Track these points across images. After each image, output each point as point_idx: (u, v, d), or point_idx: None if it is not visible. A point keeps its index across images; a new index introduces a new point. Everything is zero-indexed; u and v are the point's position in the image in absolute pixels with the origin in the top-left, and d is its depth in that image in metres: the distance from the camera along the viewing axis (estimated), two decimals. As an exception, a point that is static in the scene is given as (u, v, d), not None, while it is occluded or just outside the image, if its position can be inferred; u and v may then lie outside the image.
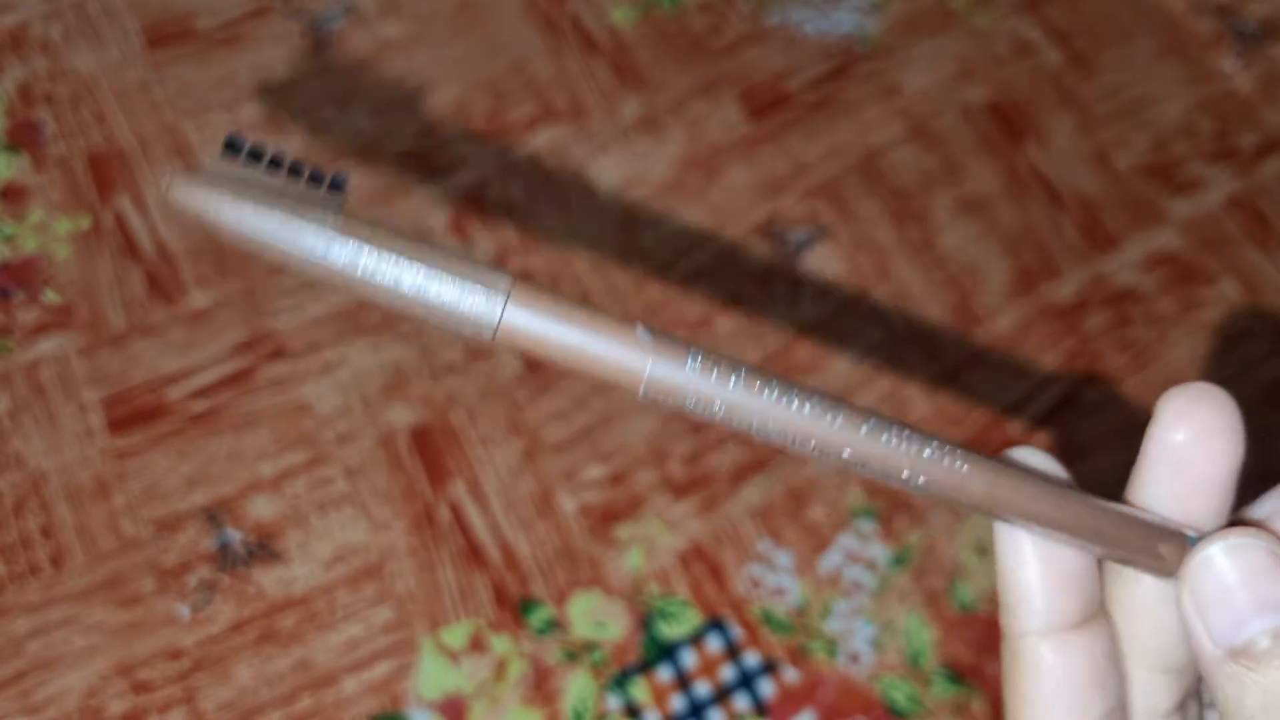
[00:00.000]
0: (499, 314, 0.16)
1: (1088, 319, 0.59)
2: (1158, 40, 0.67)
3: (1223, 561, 0.17)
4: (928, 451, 0.17)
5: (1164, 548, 0.18)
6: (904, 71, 0.65)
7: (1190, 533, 0.18)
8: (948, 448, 0.17)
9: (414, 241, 0.16)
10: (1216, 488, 0.19)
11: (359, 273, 0.16)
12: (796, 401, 0.17)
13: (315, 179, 0.16)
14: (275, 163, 0.16)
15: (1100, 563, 0.19)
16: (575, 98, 0.63)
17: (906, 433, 0.17)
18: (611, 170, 0.61)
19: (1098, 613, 0.19)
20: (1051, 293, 0.59)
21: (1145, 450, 0.19)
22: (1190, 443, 0.19)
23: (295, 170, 0.16)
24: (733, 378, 0.16)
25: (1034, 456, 0.19)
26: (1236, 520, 0.19)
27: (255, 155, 0.16)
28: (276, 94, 0.62)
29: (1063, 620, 0.19)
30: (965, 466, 0.17)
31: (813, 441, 0.17)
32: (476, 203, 0.59)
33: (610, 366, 0.16)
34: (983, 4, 0.68)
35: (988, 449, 0.58)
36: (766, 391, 0.17)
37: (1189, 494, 0.19)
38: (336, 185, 0.16)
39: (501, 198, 0.60)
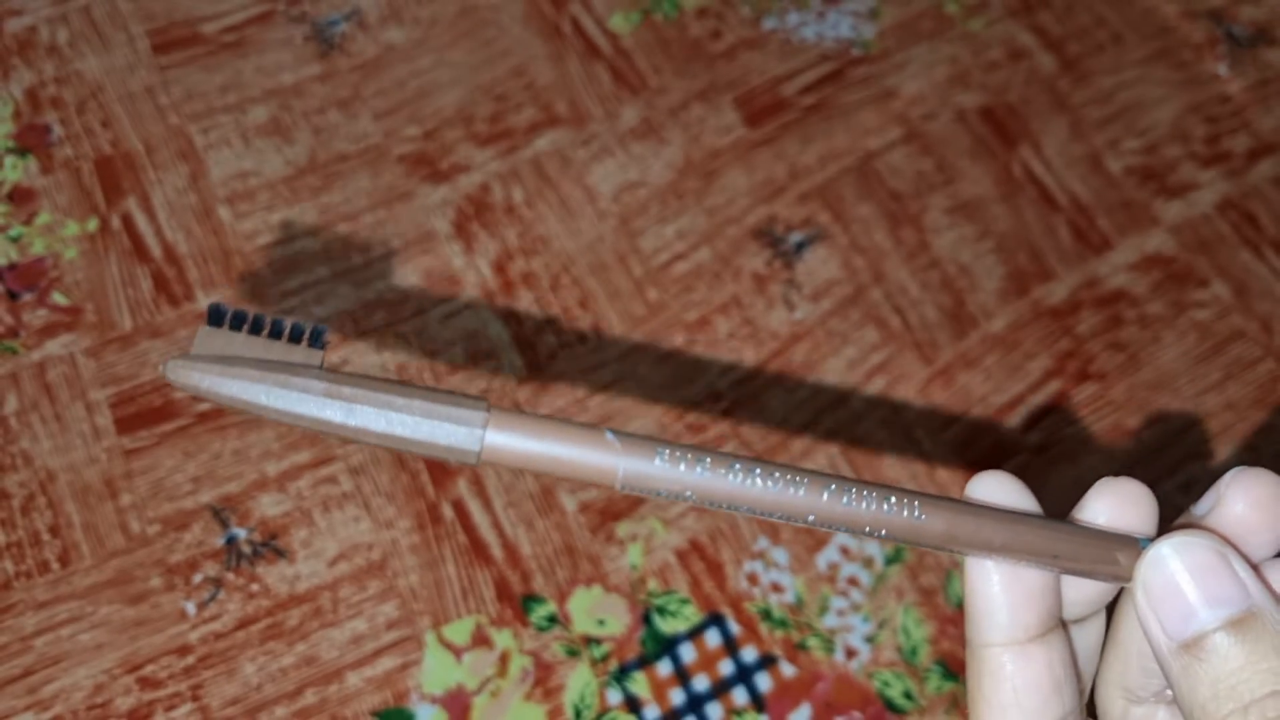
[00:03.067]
0: (480, 444, 0.17)
1: (1081, 320, 0.59)
2: (1150, 45, 0.68)
3: (1172, 559, 0.18)
4: (886, 506, 0.18)
5: (1119, 555, 0.19)
6: (899, 76, 0.66)
7: (1142, 538, 0.20)
8: (905, 499, 0.19)
9: (395, 391, 0.17)
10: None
11: (348, 427, 0.17)
12: (759, 480, 0.18)
13: (296, 337, 0.18)
14: (257, 326, 0.18)
15: (1059, 578, 0.20)
16: (576, 102, 0.63)
17: (865, 491, 0.18)
18: (611, 174, 0.61)
19: (1056, 625, 0.20)
20: (1045, 294, 0.60)
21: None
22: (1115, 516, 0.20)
23: (276, 331, 0.18)
24: (698, 466, 0.18)
25: (999, 483, 0.20)
26: (1184, 523, 0.20)
27: (238, 322, 0.18)
28: (281, 98, 0.62)
29: (1024, 633, 0.20)
30: (923, 515, 0.19)
31: (779, 512, 0.18)
32: (478, 206, 0.60)
33: (587, 470, 0.18)
34: (977, 9, 0.68)
35: (981, 448, 0.59)
36: (730, 475, 0.18)
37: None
38: (316, 340, 0.18)
39: (503, 201, 0.60)
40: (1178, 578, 0.18)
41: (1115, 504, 0.20)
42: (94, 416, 0.53)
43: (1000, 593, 0.20)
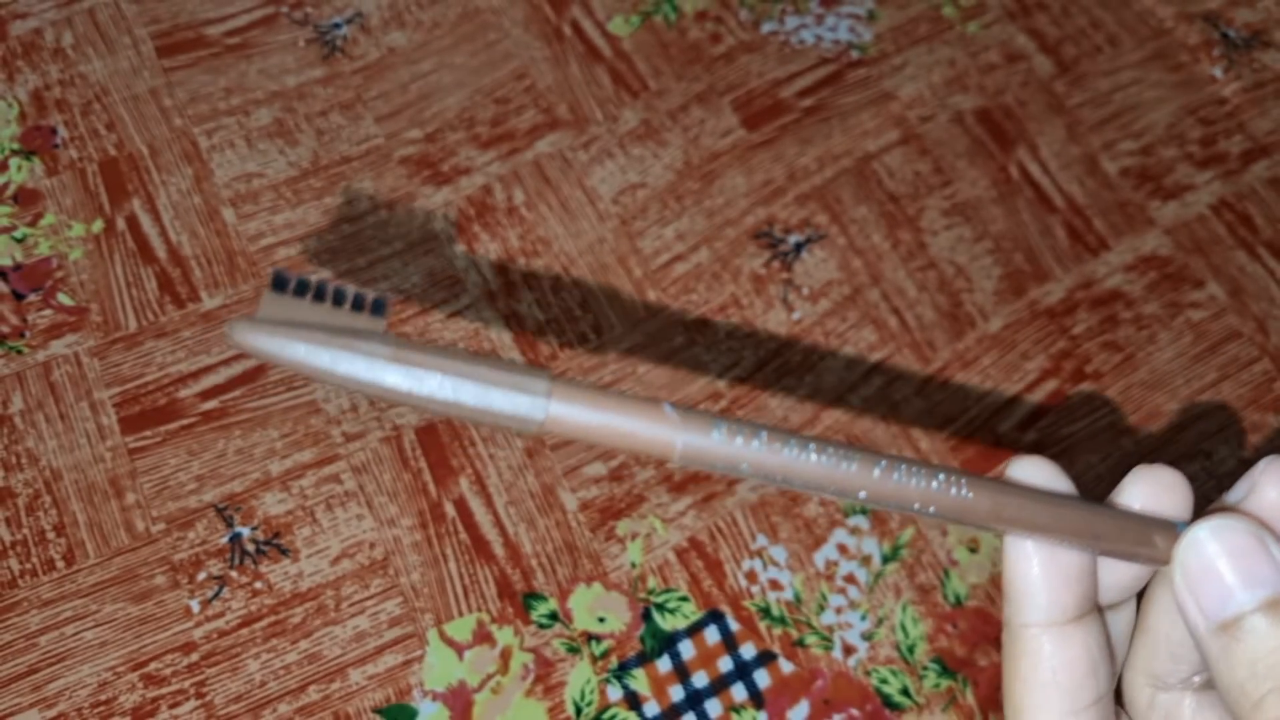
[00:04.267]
0: (544, 413, 0.17)
1: (1077, 321, 0.60)
2: (1146, 47, 0.69)
3: (1210, 541, 0.19)
4: (935, 484, 0.19)
5: (1157, 538, 0.20)
6: (897, 78, 0.66)
7: (1179, 522, 0.20)
8: (953, 477, 0.19)
9: (459, 358, 0.17)
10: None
11: (415, 394, 0.17)
12: (814, 455, 0.18)
13: (358, 305, 0.18)
14: (320, 293, 0.17)
15: (1096, 562, 0.21)
16: (576, 105, 0.64)
17: (915, 468, 0.18)
18: (611, 176, 0.62)
19: (1093, 609, 0.21)
20: (1042, 295, 0.60)
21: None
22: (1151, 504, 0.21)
23: (339, 298, 0.18)
24: (755, 441, 0.18)
25: (1037, 466, 0.21)
26: (1218, 506, 0.20)
27: (301, 289, 0.18)
28: (284, 100, 0.63)
29: (1062, 614, 0.20)
30: (970, 493, 0.19)
31: (832, 487, 0.18)
32: (480, 208, 0.61)
33: (645, 442, 0.18)
34: (974, 12, 0.69)
35: (979, 448, 0.59)
36: (786, 449, 0.18)
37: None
38: (378, 309, 0.18)
39: (504, 203, 0.61)
40: (1215, 560, 0.18)
41: (1151, 490, 0.20)
42: (99, 416, 0.54)
43: (1040, 574, 0.20)
